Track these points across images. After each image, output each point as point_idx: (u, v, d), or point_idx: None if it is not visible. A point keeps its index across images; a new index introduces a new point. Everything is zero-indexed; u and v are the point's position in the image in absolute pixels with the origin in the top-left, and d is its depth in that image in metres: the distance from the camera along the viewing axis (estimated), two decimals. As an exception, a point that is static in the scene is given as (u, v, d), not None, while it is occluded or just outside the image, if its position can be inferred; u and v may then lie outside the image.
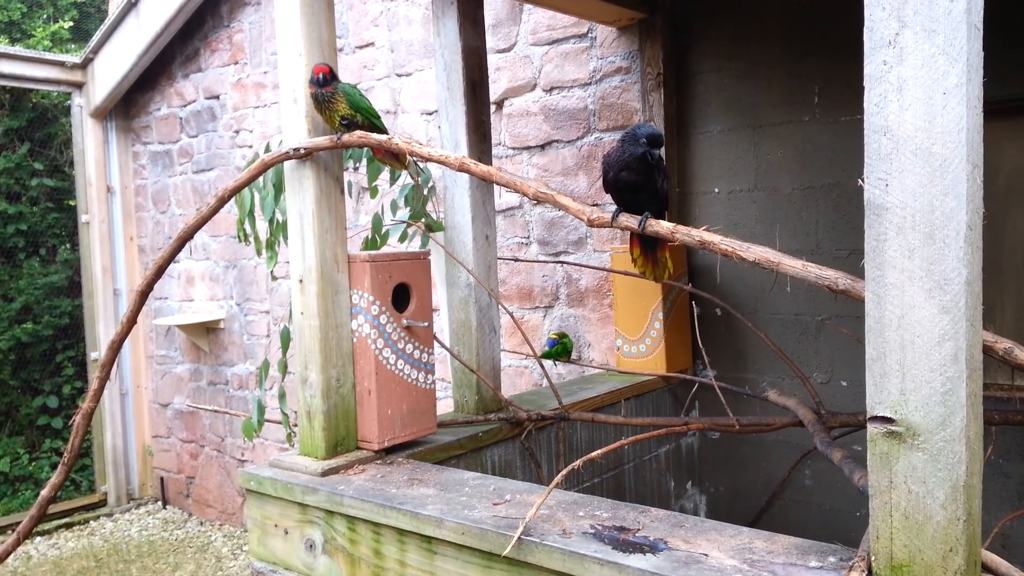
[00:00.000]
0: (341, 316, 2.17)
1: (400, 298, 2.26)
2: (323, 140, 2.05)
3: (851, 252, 3.12)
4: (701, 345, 3.05)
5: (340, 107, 2.00)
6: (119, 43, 5.94)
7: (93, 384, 2.31)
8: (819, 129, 3.17)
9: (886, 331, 1.22)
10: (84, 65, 6.16)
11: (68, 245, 6.80)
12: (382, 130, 2.10)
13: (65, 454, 2.28)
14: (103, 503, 6.26)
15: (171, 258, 2.27)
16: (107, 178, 6.41)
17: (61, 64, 6.06)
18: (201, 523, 5.98)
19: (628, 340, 3.37)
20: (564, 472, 1.62)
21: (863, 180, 1.23)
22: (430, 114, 4.42)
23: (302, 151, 2.07)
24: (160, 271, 2.28)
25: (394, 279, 2.22)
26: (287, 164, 2.15)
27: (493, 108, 4.08)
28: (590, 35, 3.75)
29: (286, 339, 2.40)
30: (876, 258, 1.22)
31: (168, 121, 6.14)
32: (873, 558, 1.25)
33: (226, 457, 5.87)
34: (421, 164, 2.78)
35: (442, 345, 2.62)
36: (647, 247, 2.02)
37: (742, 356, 3.42)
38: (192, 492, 6.17)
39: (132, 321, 2.30)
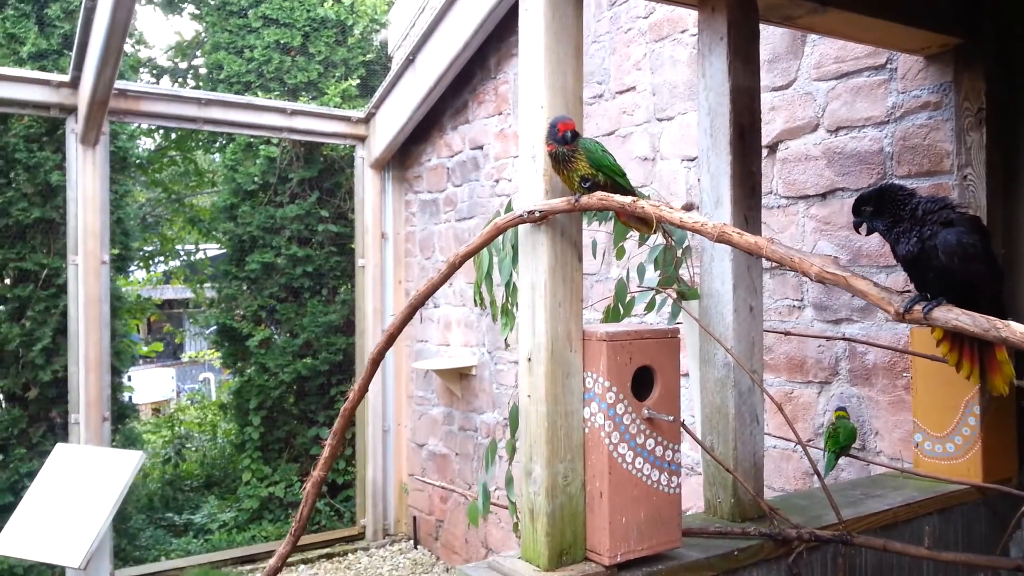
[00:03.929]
0: (572, 402, 1.88)
1: (641, 383, 1.92)
2: (559, 203, 1.78)
3: None
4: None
5: (580, 166, 1.73)
6: (397, 98, 6.28)
7: (324, 452, 2.23)
8: None
9: None
10: (367, 120, 6.59)
11: (348, 286, 7.30)
12: (628, 190, 1.80)
13: (293, 524, 2.20)
14: (361, 536, 6.52)
15: (402, 326, 2.13)
16: (382, 225, 6.79)
17: (347, 119, 6.54)
18: (447, 569, 5.99)
19: (930, 436, 2.72)
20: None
21: None
22: (691, 160, 4.05)
23: (537, 214, 1.83)
24: (391, 339, 2.14)
25: (635, 361, 1.89)
26: (521, 228, 1.91)
27: (765, 153, 3.62)
28: (889, 66, 3.17)
29: (514, 419, 2.15)
30: None
31: (437, 171, 6.36)
32: None
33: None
34: (676, 223, 2.43)
35: (691, 435, 2.23)
36: (966, 341, 1.50)
37: (1094, 470, 2.62)
38: (440, 536, 6.22)
39: (364, 389, 2.19)
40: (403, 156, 6.76)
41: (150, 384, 14.67)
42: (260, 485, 6.83)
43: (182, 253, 10.26)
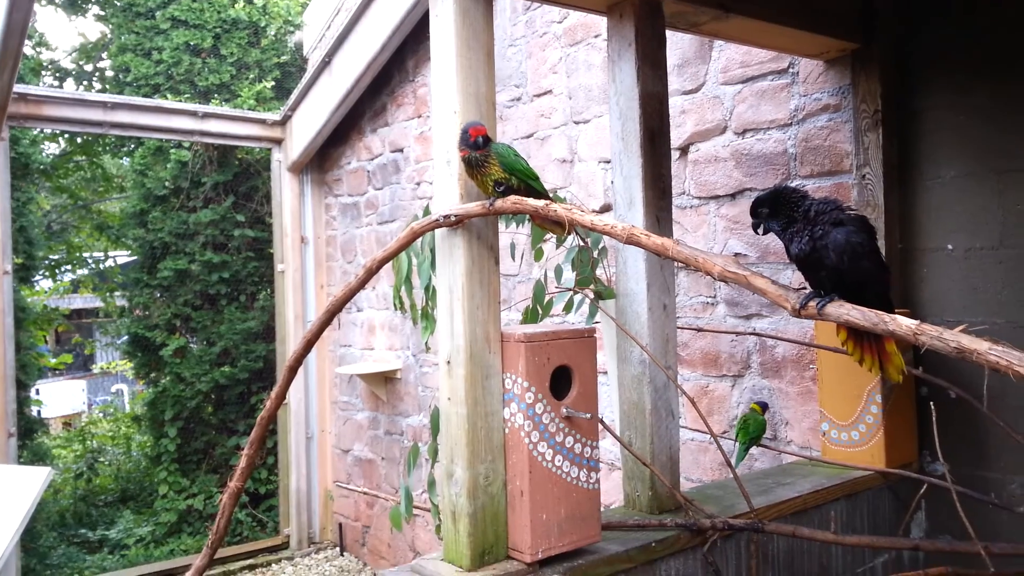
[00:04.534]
0: (492, 403, 1.90)
1: (560, 383, 1.96)
2: (474, 206, 1.81)
3: None
4: (932, 434, 2.49)
5: (493, 170, 1.76)
6: (313, 100, 6.19)
7: (241, 462, 2.19)
8: (1090, 173, 2.54)
9: None
10: (283, 122, 6.48)
11: (267, 292, 7.15)
12: (541, 193, 1.83)
13: (210, 536, 2.16)
14: (285, 546, 6.41)
15: (319, 332, 2.11)
16: (301, 229, 6.68)
17: (262, 122, 6.41)
18: (375, 574, 5.94)
19: (836, 424, 2.85)
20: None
21: None
22: (608, 162, 4.13)
23: (452, 218, 1.84)
24: (309, 346, 2.13)
25: (553, 361, 1.92)
26: (438, 232, 1.93)
27: (677, 154, 3.72)
28: (791, 70, 3.31)
29: (436, 422, 2.17)
30: None
31: (357, 174, 6.31)
32: None
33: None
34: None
35: (610, 431, 2.28)
36: (865, 336, 1.58)
37: (982, 450, 2.79)
38: (367, 541, 6.16)
39: (281, 397, 2.17)
40: (322, 159, 6.67)
41: (60, 397, 14.06)
42: (178, 498, 6.64)
43: (90, 261, 9.86)
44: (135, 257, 7.64)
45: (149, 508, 7.29)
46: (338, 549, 6.43)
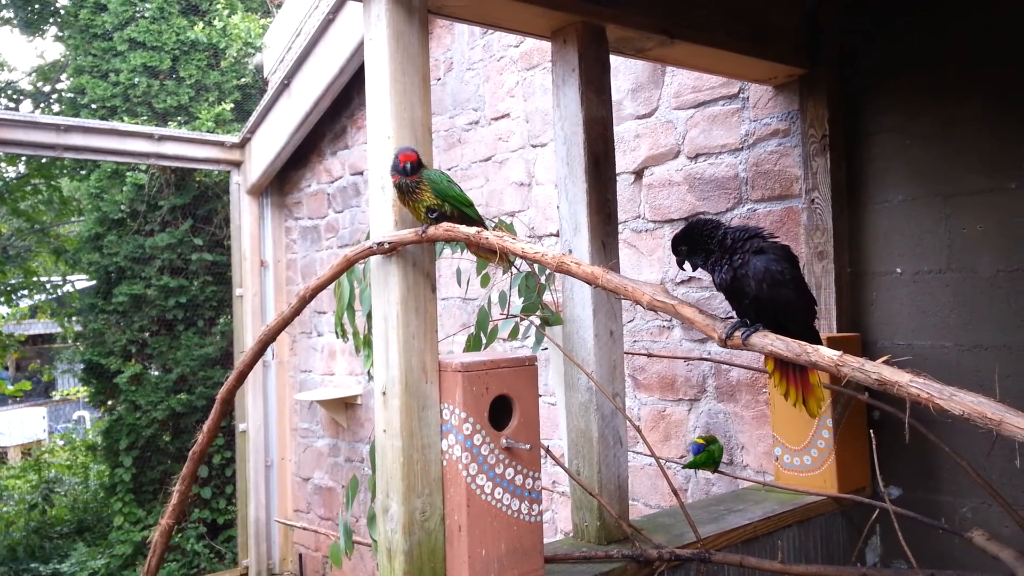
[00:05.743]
0: (429, 435, 1.85)
1: (499, 413, 1.91)
2: (407, 234, 1.76)
3: (1080, 351, 2.46)
4: (885, 458, 2.48)
5: (425, 196, 1.72)
6: (273, 123, 6.13)
7: (173, 498, 2.12)
8: (1031, 198, 2.56)
9: None
10: (242, 145, 6.40)
11: (226, 317, 7.03)
12: (475, 220, 1.80)
13: (141, 574, 2.07)
14: (243, 577, 6.25)
15: (252, 363, 2.05)
16: (261, 252, 6.58)
17: (221, 144, 6.32)
18: (335, 606, 5.81)
19: (789, 449, 2.83)
20: None
21: None
22: (566, 186, 4.11)
23: (386, 245, 1.80)
24: (242, 377, 2.07)
25: (491, 391, 1.88)
26: (372, 260, 1.88)
27: (632, 178, 3.72)
28: (741, 96, 3.32)
29: (374, 455, 2.10)
30: None
31: (317, 197, 6.24)
32: None
33: (359, 537, 5.68)
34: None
35: (556, 460, 2.24)
36: (790, 368, 1.55)
37: (934, 473, 2.78)
38: (327, 572, 6.03)
39: (213, 432, 2.11)
40: (282, 182, 6.60)
41: (19, 425, 13.72)
42: (134, 529, 6.45)
43: (48, 286, 9.66)
44: (94, 282, 7.49)
45: (104, 540, 7.09)
46: (298, 580, 6.29)
